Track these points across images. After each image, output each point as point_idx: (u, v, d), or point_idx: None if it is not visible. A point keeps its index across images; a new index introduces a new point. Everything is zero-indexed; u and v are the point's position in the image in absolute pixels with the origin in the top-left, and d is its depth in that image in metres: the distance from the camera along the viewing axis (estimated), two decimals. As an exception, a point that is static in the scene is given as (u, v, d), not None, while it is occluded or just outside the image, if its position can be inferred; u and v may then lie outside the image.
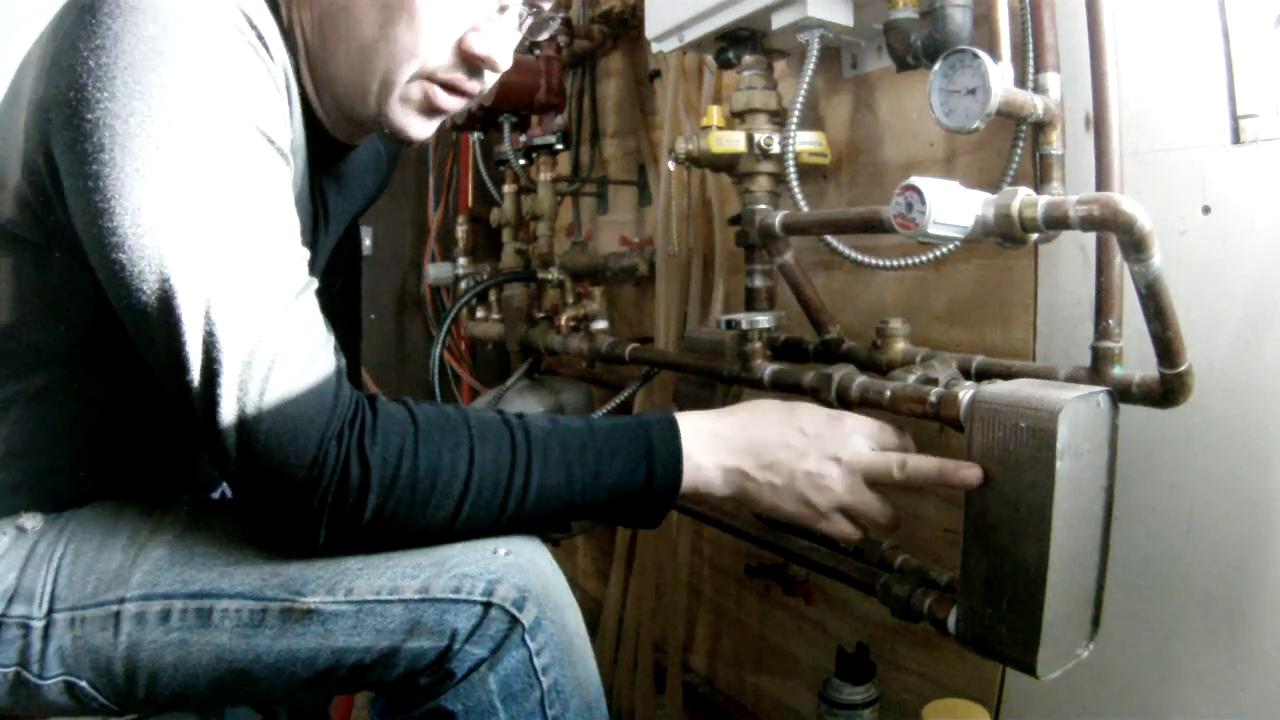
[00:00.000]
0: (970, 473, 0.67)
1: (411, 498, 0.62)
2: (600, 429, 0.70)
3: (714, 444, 0.73)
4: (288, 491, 0.60)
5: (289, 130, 0.65)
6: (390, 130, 0.73)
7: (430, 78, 0.71)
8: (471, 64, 0.71)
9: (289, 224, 0.63)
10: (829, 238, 0.98)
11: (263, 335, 0.58)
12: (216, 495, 0.92)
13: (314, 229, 0.81)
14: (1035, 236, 0.71)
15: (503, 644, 0.64)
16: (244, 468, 0.60)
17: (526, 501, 0.67)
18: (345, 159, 0.84)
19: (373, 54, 0.69)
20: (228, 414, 0.57)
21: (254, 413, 0.58)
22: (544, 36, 0.81)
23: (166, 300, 0.56)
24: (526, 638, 0.65)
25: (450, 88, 0.72)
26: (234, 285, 0.57)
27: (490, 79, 0.74)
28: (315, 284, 0.64)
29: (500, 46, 0.72)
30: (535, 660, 0.65)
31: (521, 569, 0.66)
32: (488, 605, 0.64)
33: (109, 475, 0.75)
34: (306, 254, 0.64)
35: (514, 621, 0.65)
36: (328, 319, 0.65)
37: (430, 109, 0.73)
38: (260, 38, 0.62)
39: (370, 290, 1.26)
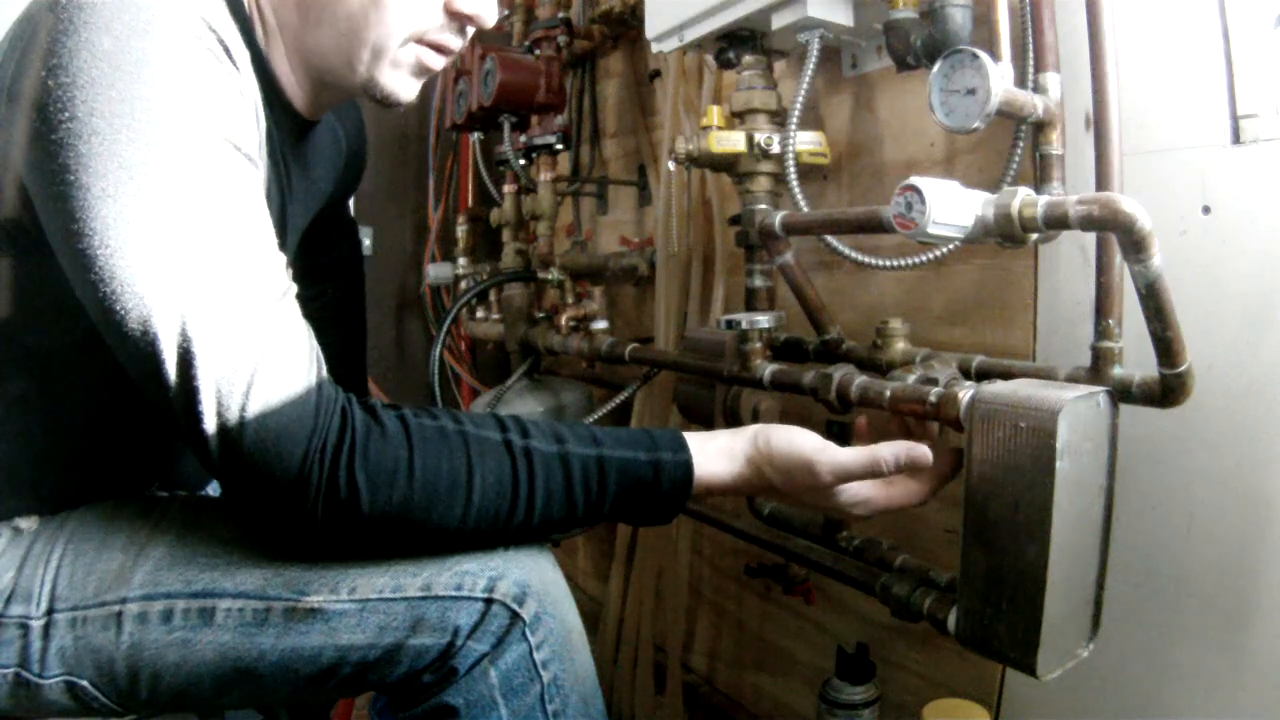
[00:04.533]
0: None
1: (405, 516, 0.62)
2: (610, 462, 0.67)
3: (710, 495, 0.74)
4: (277, 501, 0.60)
5: (256, 134, 0.65)
6: (380, 95, 0.73)
7: (420, 40, 0.72)
8: (459, 22, 0.73)
9: (262, 232, 0.62)
10: (829, 238, 0.98)
11: (240, 351, 0.57)
12: (212, 492, 0.92)
13: (282, 213, 0.80)
14: (1035, 236, 0.71)
15: (504, 639, 0.65)
16: (232, 479, 0.60)
17: (528, 529, 0.67)
18: (308, 138, 0.84)
19: (362, 23, 0.69)
20: (210, 428, 0.57)
21: (236, 427, 0.57)
22: None
23: (141, 320, 0.55)
24: (527, 632, 0.65)
25: (438, 48, 0.73)
26: (208, 302, 0.56)
27: (470, 33, 0.76)
28: (294, 289, 0.63)
29: (485, 3, 0.72)
30: (535, 655, 0.65)
31: (521, 565, 0.67)
32: (489, 601, 0.65)
33: (103, 476, 0.75)
34: (283, 259, 0.63)
35: (515, 617, 0.65)
36: (323, 321, 0.64)
37: (421, 70, 0.74)
38: (220, 41, 0.60)
39: (370, 290, 1.26)
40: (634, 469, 0.68)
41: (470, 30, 0.75)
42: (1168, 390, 0.70)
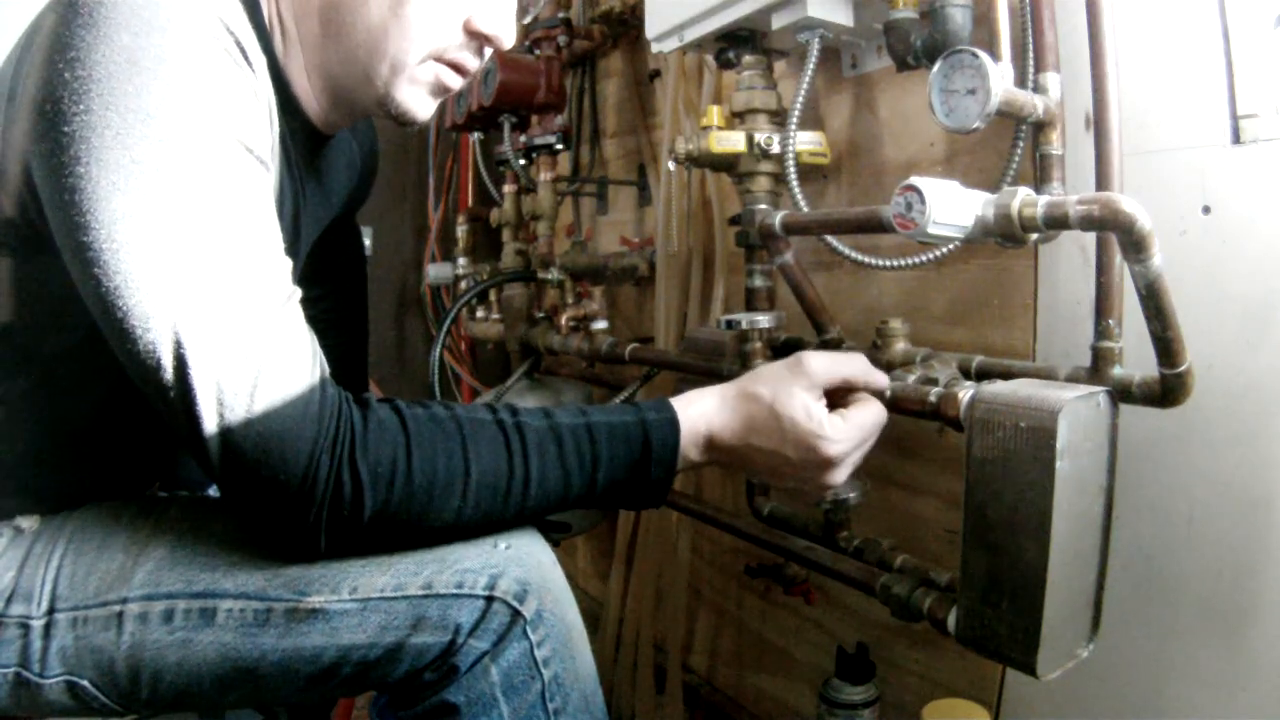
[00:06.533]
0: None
1: (408, 507, 0.62)
2: (598, 427, 0.69)
3: (708, 450, 0.73)
4: (282, 505, 0.60)
5: (269, 137, 0.65)
6: (396, 112, 0.74)
7: (439, 58, 0.72)
8: (478, 42, 0.73)
9: (270, 236, 0.62)
10: (829, 238, 0.98)
11: (243, 354, 0.57)
12: (213, 493, 0.92)
13: (295, 222, 0.80)
14: (1035, 236, 0.71)
15: (505, 637, 0.65)
16: (232, 483, 0.60)
17: (525, 504, 0.67)
18: (323, 152, 0.84)
19: (382, 36, 0.69)
20: (210, 431, 0.57)
21: (239, 431, 0.57)
22: (533, 15, 0.82)
23: (143, 317, 0.55)
24: (528, 630, 0.65)
25: (455, 67, 0.73)
26: (211, 304, 0.56)
27: (487, 55, 0.76)
28: (299, 293, 0.63)
29: (505, 24, 0.73)
30: (536, 652, 0.65)
31: (522, 562, 0.67)
32: (490, 599, 0.65)
33: (105, 476, 0.75)
34: (289, 263, 0.63)
35: (516, 614, 0.65)
36: (326, 324, 0.64)
37: (439, 89, 0.74)
38: (238, 43, 0.60)
39: (370, 290, 1.26)
40: (622, 429, 0.69)
41: (488, 51, 0.75)
42: (1168, 390, 0.70)
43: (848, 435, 0.71)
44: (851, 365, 0.76)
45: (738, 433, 0.72)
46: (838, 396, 0.76)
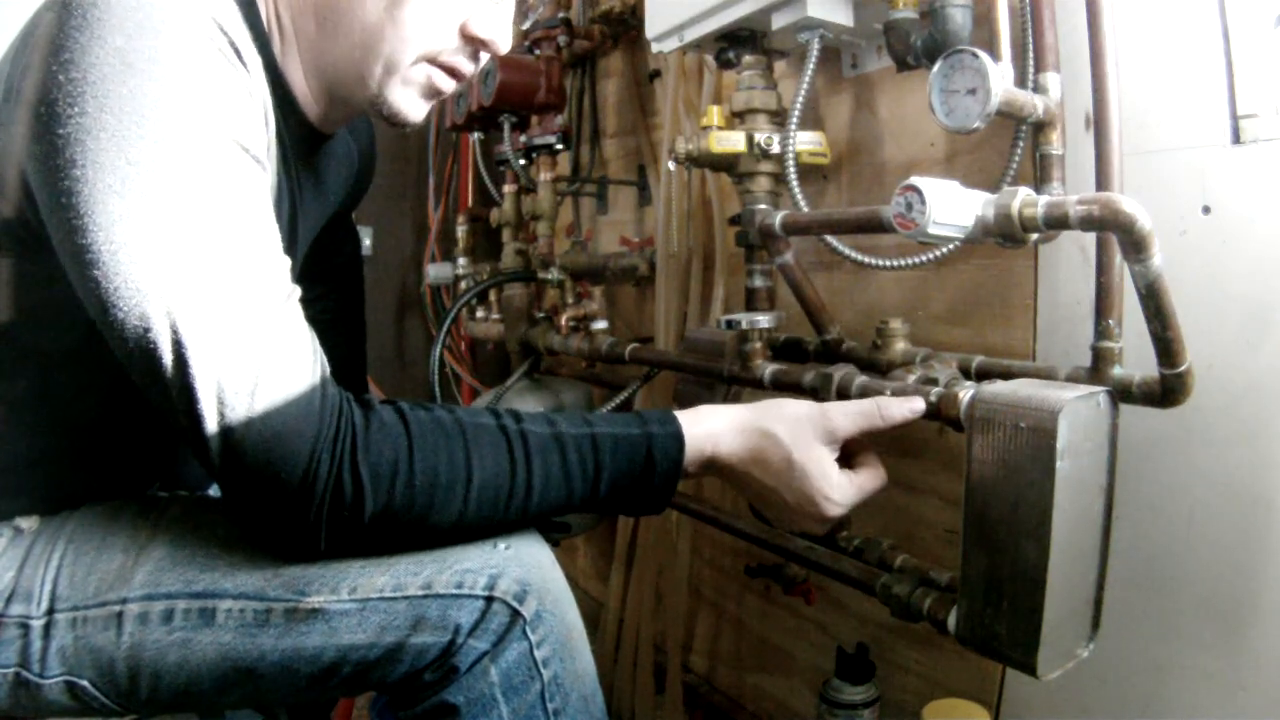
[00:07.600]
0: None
1: (408, 508, 0.62)
2: (603, 439, 0.69)
3: (708, 468, 0.73)
4: (282, 504, 0.60)
5: (265, 136, 0.65)
6: (388, 112, 0.74)
7: (433, 61, 0.72)
8: (473, 47, 0.73)
9: (269, 235, 0.62)
10: (829, 238, 0.98)
11: (244, 352, 0.57)
12: (213, 493, 0.92)
13: (292, 221, 0.80)
14: (1035, 236, 0.71)
15: (504, 637, 0.65)
16: (233, 481, 0.60)
17: (527, 510, 0.67)
18: (321, 150, 0.84)
19: (377, 37, 0.69)
20: (211, 430, 0.57)
21: (240, 429, 0.57)
22: (532, 20, 0.82)
23: (142, 317, 0.55)
24: (528, 630, 0.65)
25: (449, 70, 0.74)
26: (210, 303, 0.56)
27: (483, 60, 0.76)
28: (298, 292, 0.63)
29: (501, 29, 0.73)
30: (536, 653, 0.65)
31: (522, 563, 0.67)
32: (489, 599, 0.65)
33: (104, 476, 0.75)
34: (288, 262, 0.63)
35: (515, 615, 0.65)
36: (324, 324, 0.64)
37: (431, 92, 0.74)
38: (231, 44, 0.60)
39: (370, 290, 1.26)
40: (626, 442, 0.69)
41: (484, 55, 0.75)
42: (1168, 390, 0.70)
43: (849, 500, 0.72)
44: (871, 414, 0.74)
45: (743, 461, 0.73)
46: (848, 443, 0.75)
